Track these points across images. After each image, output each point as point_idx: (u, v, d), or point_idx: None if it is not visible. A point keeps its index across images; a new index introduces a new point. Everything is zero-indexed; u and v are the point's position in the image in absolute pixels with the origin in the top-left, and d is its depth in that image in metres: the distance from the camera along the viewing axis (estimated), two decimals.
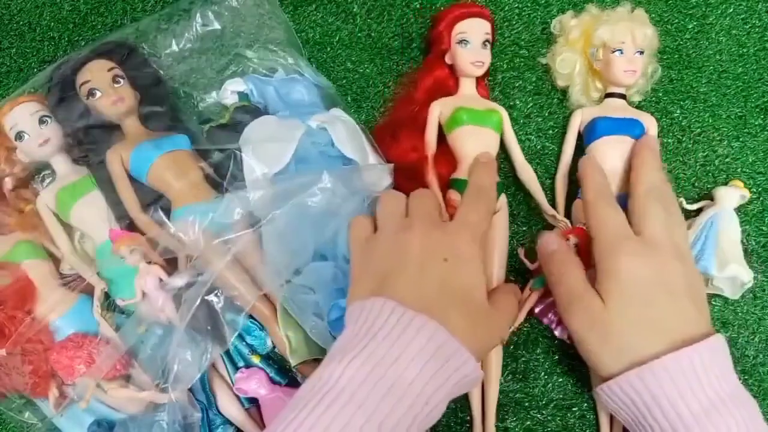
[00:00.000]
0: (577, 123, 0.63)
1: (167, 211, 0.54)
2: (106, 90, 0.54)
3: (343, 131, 0.57)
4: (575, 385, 0.60)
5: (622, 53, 0.60)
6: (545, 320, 0.57)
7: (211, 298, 0.51)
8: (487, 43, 0.61)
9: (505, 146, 0.62)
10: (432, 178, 0.59)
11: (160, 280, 0.50)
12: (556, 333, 0.56)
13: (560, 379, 0.60)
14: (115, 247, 0.50)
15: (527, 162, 0.62)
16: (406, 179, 0.58)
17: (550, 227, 0.60)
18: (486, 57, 0.61)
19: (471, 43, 0.61)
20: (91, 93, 0.54)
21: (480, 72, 0.61)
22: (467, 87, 0.62)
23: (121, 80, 0.55)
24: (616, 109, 0.62)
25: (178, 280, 0.49)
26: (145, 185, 0.54)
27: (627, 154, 0.60)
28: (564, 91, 0.66)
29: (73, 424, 0.52)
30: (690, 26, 0.68)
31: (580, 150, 0.62)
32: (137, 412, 0.51)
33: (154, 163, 0.53)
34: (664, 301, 0.40)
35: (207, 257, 0.50)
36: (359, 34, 0.66)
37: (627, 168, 0.59)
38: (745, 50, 0.68)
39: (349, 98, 0.65)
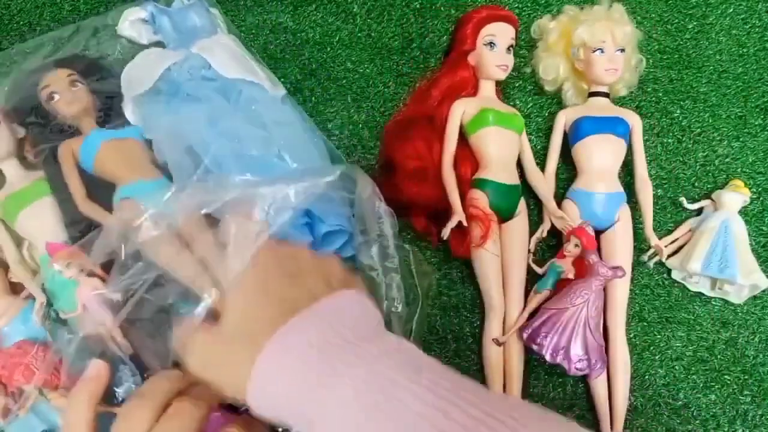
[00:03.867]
0: (561, 124, 0.63)
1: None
2: (63, 92, 0.55)
3: (223, 54, 0.57)
4: (575, 385, 0.60)
5: (602, 52, 0.60)
6: (534, 346, 0.55)
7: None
8: (510, 48, 0.62)
9: (519, 150, 0.62)
10: (450, 176, 0.59)
11: (99, 292, 0.48)
12: (546, 357, 0.54)
13: (560, 379, 0.60)
14: (52, 260, 0.49)
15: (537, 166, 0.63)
16: (418, 182, 0.58)
17: (559, 233, 0.60)
18: (510, 61, 0.62)
19: (497, 46, 0.61)
20: (50, 96, 0.55)
21: (503, 75, 0.61)
22: (487, 89, 0.62)
23: (79, 84, 0.56)
24: (600, 108, 0.62)
25: (117, 294, 0.47)
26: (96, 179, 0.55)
27: (613, 152, 0.60)
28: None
29: (21, 428, 0.50)
30: (690, 26, 0.68)
31: (567, 149, 0.63)
32: None
33: (99, 149, 0.54)
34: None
35: (154, 247, 0.46)
36: (359, 34, 0.66)
37: (615, 167, 0.60)
38: (745, 50, 0.68)
39: (349, 98, 0.65)
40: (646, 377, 0.60)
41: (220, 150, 0.52)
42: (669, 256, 0.62)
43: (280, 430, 0.45)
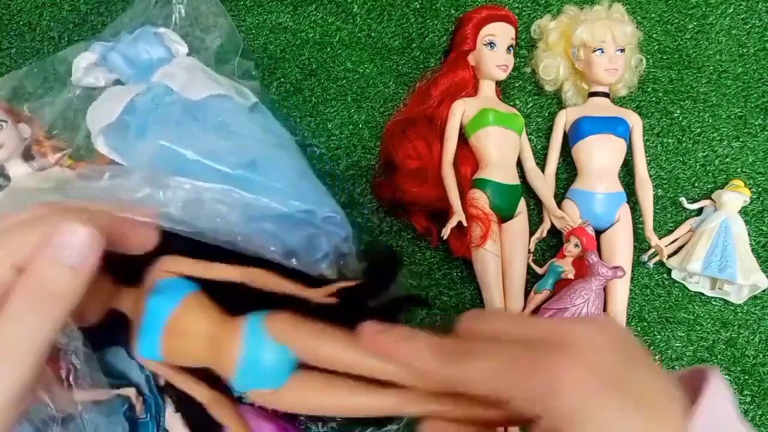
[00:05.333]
0: (561, 123, 0.63)
1: None
2: None
3: (184, 76, 0.56)
4: None
5: (603, 52, 0.60)
6: None
7: None
8: (511, 48, 0.62)
9: (519, 150, 0.62)
10: (450, 176, 0.59)
11: None
12: None
13: None
14: None
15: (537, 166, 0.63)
16: (418, 182, 0.58)
17: (559, 233, 0.60)
18: (510, 61, 0.62)
19: (497, 46, 0.61)
20: None
21: (504, 75, 0.61)
22: (487, 89, 0.62)
23: None
24: (600, 108, 0.62)
25: None
26: None
27: (613, 152, 0.60)
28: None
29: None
30: (690, 26, 0.68)
31: (567, 149, 0.62)
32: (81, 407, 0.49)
33: None
34: None
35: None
36: (359, 34, 0.66)
37: (615, 167, 0.61)
38: (745, 50, 0.68)
39: (349, 98, 0.65)
40: None
41: (199, 171, 0.52)
42: (669, 256, 0.62)
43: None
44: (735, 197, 0.61)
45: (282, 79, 0.64)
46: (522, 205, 0.61)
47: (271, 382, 0.28)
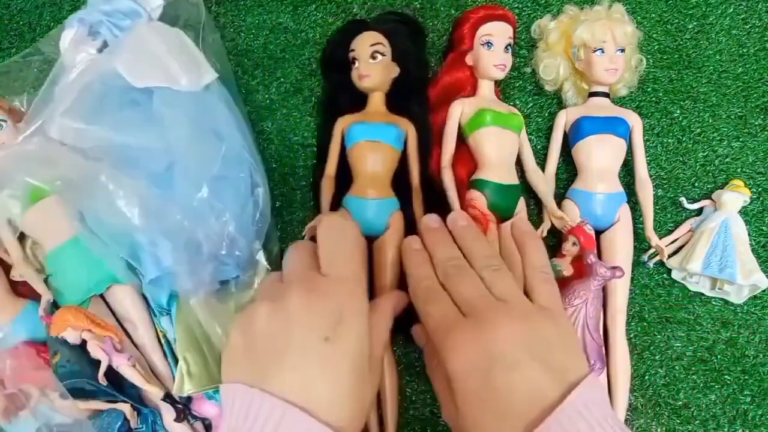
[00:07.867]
0: (562, 123, 0.63)
1: None
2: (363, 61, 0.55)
3: (130, 59, 0.53)
4: None
5: (603, 53, 0.60)
6: None
7: None
8: (509, 47, 0.62)
9: (519, 149, 0.62)
10: (448, 176, 0.59)
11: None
12: None
13: None
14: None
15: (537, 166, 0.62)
16: None
17: (559, 233, 0.60)
18: (508, 61, 0.61)
19: (494, 46, 0.60)
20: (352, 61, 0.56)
21: (502, 75, 0.61)
22: (486, 89, 0.62)
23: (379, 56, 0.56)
24: (600, 107, 0.62)
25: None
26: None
27: (613, 152, 0.60)
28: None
29: (20, 427, 0.50)
30: (690, 26, 0.68)
31: (567, 149, 0.62)
32: (82, 417, 0.50)
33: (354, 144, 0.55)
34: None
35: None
36: None
37: (615, 167, 0.60)
38: (745, 50, 0.68)
39: None
40: (646, 377, 0.60)
41: (121, 154, 0.52)
42: (669, 256, 0.62)
43: None
44: (735, 197, 0.61)
45: (282, 79, 0.64)
46: (521, 204, 0.61)
47: None
